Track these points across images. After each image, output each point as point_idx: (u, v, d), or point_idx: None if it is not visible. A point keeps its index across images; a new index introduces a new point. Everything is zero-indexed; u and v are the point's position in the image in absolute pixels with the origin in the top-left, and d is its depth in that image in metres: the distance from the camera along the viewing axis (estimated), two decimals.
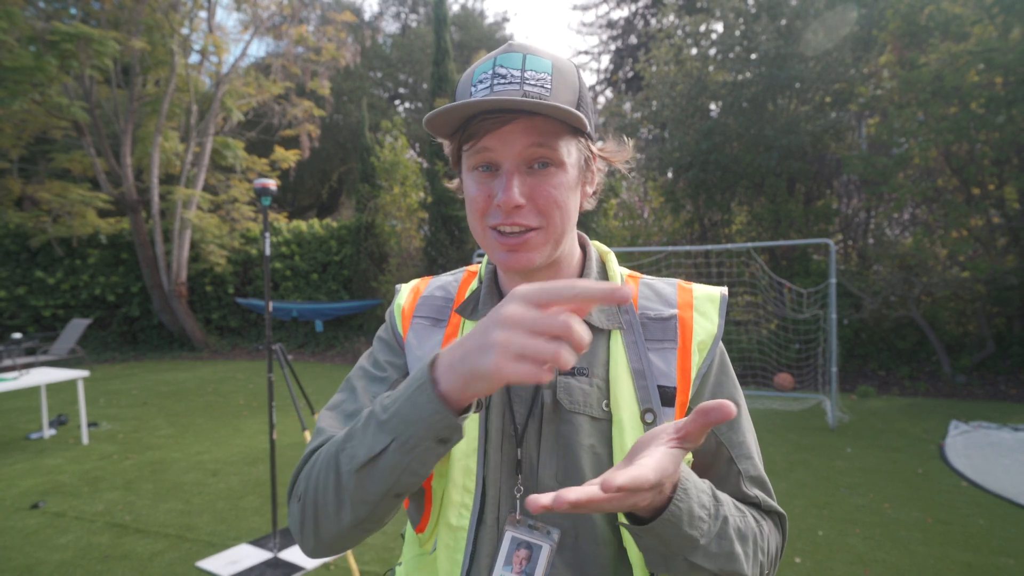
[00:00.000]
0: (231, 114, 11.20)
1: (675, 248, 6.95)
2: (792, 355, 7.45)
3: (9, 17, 8.23)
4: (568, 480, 0.72)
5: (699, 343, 0.76)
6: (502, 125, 0.68)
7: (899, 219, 8.84)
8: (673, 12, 10.12)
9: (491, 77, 0.69)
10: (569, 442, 0.72)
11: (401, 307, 0.87)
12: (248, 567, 3.14)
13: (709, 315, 0.78)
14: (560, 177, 0.70)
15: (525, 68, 0.69)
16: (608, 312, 0.77)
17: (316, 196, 20.33)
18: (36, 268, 11.24)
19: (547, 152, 0.69)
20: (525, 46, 0.71)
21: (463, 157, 0.74)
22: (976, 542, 3.33)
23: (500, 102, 0.64)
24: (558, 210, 0.71)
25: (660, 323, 0.77)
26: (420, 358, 0.82)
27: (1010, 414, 5.98)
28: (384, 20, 23.14)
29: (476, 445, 0.74)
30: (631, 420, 0.72)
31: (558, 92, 0.69)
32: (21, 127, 10.37)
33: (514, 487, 0.74)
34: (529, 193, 0.69)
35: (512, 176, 0.69)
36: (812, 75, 8.02)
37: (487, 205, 0.71)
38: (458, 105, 0.66)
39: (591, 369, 0.75)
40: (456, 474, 0.74)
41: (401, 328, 0.85)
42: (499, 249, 0.72)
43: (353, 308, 11.06)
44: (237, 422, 6.24)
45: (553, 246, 0.73)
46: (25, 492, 4.28)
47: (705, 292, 0.80)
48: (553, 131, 0.69)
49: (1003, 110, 6.65)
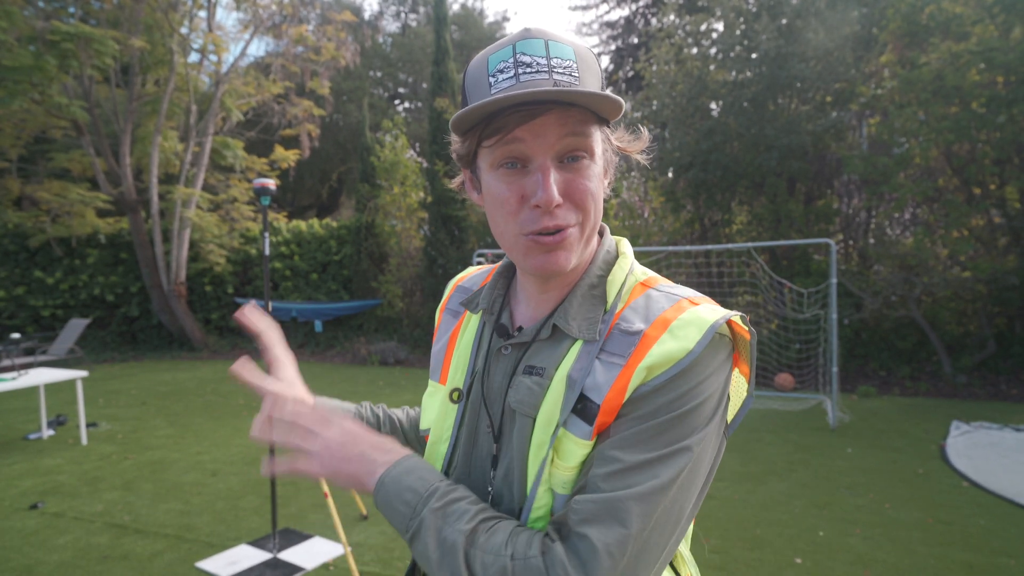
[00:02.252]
0: (231, 114, 11.19)
1: (675, 248, 6.94)
2: (792, 355, 7.44)
3: (9, 16, 8.22)
4: (513, 480, 0.70)
5: (649, 365, 0.64)
6: (533, 117, 0.63)
7: (900, 219, 8.83)
8: (673, 11, 10.10)
9: (514, 66, 0.64)
10: (515, 442, 0.71)
11: (439, 307, 0.94)
12: (247, 567, 3.13)
13: (684, 338, 0.65)
14: (593, 169, 0.68)
15: (550, 55, 0.64)
16: (591, 320, 0.70)
17: (316, 196, 20.32)
18: (35, 268, 11.23)
19: (582, 142, 0.66)
20: (543, 31, 0.66)
21: (482, 154, 0.69)
22: (977, 542, 3.32)
23: (542, 93, 0.60)
24: (594, 203, 0.68)
25: (624, 337, 0.68)
26: (436, 353, 0.88)
27: (1011, 414, 5.97)
28: (384, 19, 23.15)
29: (449, 434, 0.78)
30: (544, 423, 0.68)
31: (585, 79, 0.66)
32: (20, 126, 10.37)
33: (487, 481, 0.74)
34: (564, 189, 0.66)
35: (548, 172, 0.65)
36: (813, 75, 8.01)
37: (519, 206, 0.67)
38: (499, 98, 0.60)
39: (547, 370, 0.71)
40: (430, 455, 0.80)
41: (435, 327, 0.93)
42: (536, 251, 0.68)
43: (353, 308, 11.05)
44: (237, 422, 6.23)
45: (585, 243, 0.70)
46: (24, 492, 4.27)
47: (698, 315, 0.67)
48: (585, 121, 0.65)
49: (1004, 110, 6.64)
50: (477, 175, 0.73)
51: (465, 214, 10.54)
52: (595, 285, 0.74)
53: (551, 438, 0.66)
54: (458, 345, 0.83)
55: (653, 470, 0.61)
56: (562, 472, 0.66)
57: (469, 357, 0.80)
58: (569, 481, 0.66)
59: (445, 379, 0.83)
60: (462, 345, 0.83)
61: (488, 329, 0.81)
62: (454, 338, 0.85)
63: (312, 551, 3.31)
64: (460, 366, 0.81)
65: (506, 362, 0.76)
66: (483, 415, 0.76)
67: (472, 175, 0.75)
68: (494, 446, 0.74)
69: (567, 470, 0.66)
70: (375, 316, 11.35)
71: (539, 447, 0.68)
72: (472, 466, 0.76)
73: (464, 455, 0.76)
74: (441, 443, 0.79)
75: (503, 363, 0.76)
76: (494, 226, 0.71)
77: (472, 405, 0.77)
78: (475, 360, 0.80)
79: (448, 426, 0.78)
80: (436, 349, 0.88)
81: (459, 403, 0.78)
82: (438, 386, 0.84)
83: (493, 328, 0.80)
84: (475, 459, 0.76)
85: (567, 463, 0.66)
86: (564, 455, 0.66)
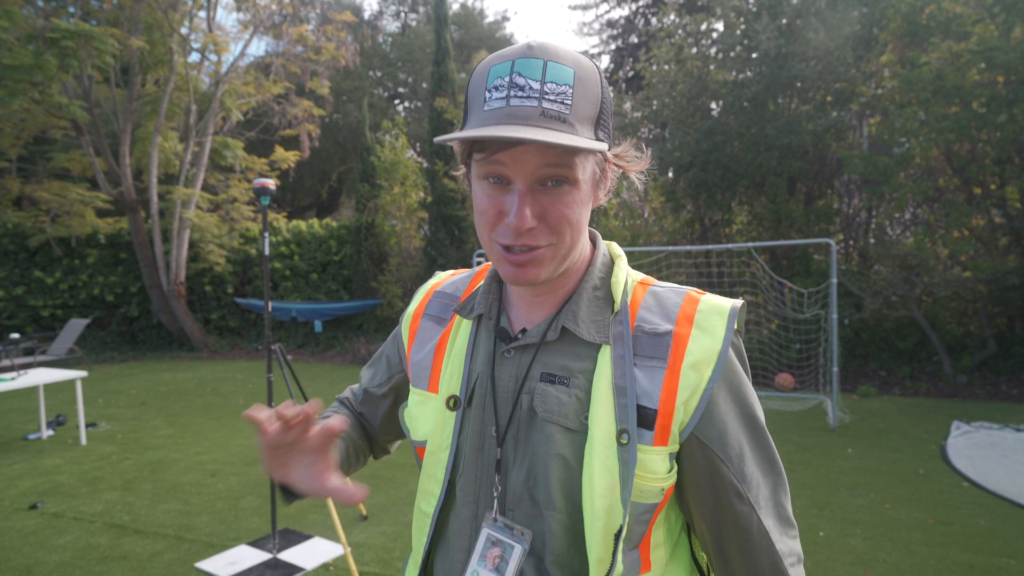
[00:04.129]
0: (230, 114, 11.18)
1: (675, 248, 6.94)
2: (793, 355, 7.44)
3: (9, 16, 8.22)
4: (535, 485, 0.71)
5: (694, 363, 0.69)
6: (516, 144, 0.64)
7: (900, 219, 8.83)
8: (674, 11, 10.09)
9: (508, 85, 0.65)
10: (538, 449, 0.71)
11: (410, 313, 0.91)
12: (247, 568, 3.13)
13: (712, 331, 0.71)
14: (573, 195, 0.68)
15: (545, 80, 0.64)
16: (600, 323, 0.73)
17: (316, 196, 20.31)
18: (34, 268, 11.22)
19: (562, 171, 0.66)
20: (546, 49, 0.66)
21: (472, 163, 0.71)
22: (977, 543, 3.32)
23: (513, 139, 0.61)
24: (569, 228, 0.69)
25: (654, 339, 0.71)
26: (419, 362, 0.85)
27: (1012, 414, 5.97)
28: (384, 19, 23.15)
29: (449, 441, 0.77)
30: (604, 438, 0.68)
31: (579, 107, 0.65)
32: (20, 126, 10.37)
33: (493, 485, 0.74)
34: (541, 212, 0.67)
35: (525, 198, 0.66)
36: (813, 74, 8.00)
37: (497, 220, 0.69)
38: (468, 135, 0.62)
39: (572, 379, 0.72)
40: (429, 465, 0.79)
41: (407, 334, 0.90)
42: (505, 264, 0.70)
43: (353, 308, 11.04)
44: (236, 422, 6.22)
45: (561, 261, 0.71)
46: (23, 493, 4.27)
47: (713, 304, 0.73)
48: (568, 152, 0.66)
49: (1004, 109, 6.63)
50: (469, 178, 0.75)
51: (465, 214, 10.54)
52: (598, 287, 0.76)
53: (632, 453, 0.68)
54: (449, 352, 0.82)
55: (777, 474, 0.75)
56: (643, 482, 0.69)
57: (464, 363, 0.79)
58: (648, 490, 0.69)
59: (436, 387, 0.81)
60: (454, 351, 0.81)
61: (485, 333, 0.80)
62: (442, 345, 0.83)
63: (312, 551, 3.31)
64: (455, 373, 0.79)
65: (512, 365, 0.76)
66: (488, 420, 0.76)
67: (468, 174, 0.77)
68: (497, 450, 0.74)
69: (648, 480, 0.69)
70: (375, 316, 11.34)
71: (605, 460, 0.68)
72: (480, 471, 0.76)
73: (471, 461, 0.76)
74: (441, 451, 0.78)
75: (508, 366, 0.76)
76: (477, 229, 0.73)
77: (475, 411, 0.77)
78: (470, 366, 0.79)
79: (448, 434, 0.78)
80: (419, 357, 0.85)
81: (457, 410, 0.78)
82: (428, 394, 0.82)
83: (494, 332, 0.79)
84: (482, 464, 0.76)
85: (645, 472, 0.69)
86: (641, 464, 0.69)
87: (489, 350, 0.79)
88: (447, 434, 0.78)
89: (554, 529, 0.70)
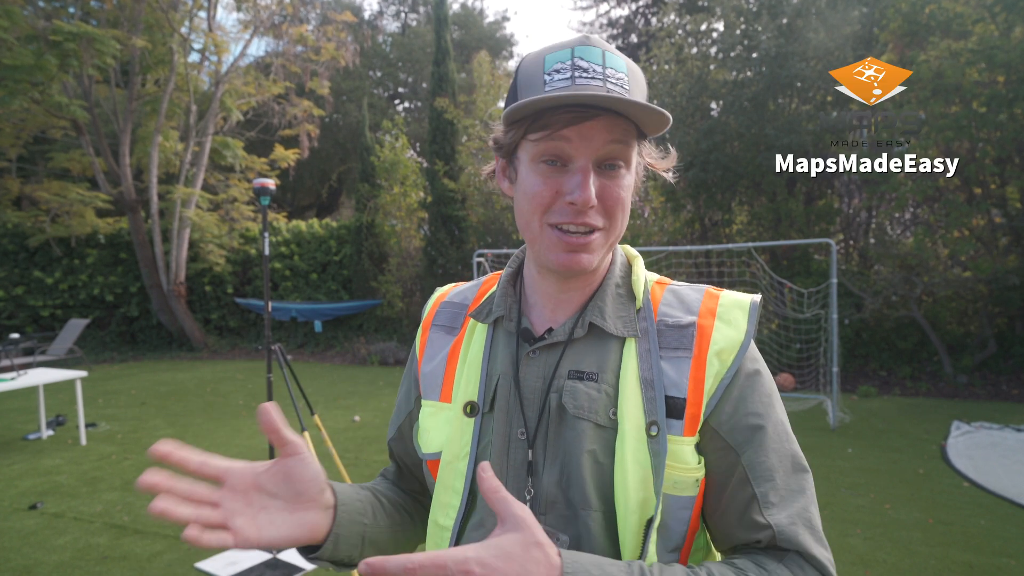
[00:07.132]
0: (230, 113, 11.19)
1: (675, 248, 6.94)
2: (793, 355, 7.44)
3: (9, 16, 8.22)
4: (569, 485, 0.70)
5: (718, 352, 0.71)
6: (583, 120, 0.66)
7: (900, 219, 8.83)
8: (674, 11, 10.09)
9: (571, 68, 0.67)
10: (570, 447, 0.71)
11: (421, 325, 0.90)
12: (247, 568, 3.12)
13: (735, 323, 0.73)
14: (628, 179, 0.70)
15: (606, 64, 0.67)
16: (625, 319, 0.74)
17: (316, 196, 20.32)
18: (34, 268, 11.23)
19: (623, 151, 0.68)
20: (601, 42, 0.69)
21: (525, 146, 0.71)
22: (977, 543, 3.32)
23: (599, 98, 0.63)
24: (621, 212, 0.70)
25: (677, 331, 0.73)
26: (430, 373, 0.83)
27: (1012, 414, 5.97)
28: (384, 19, 23.16)
29: (468, 449, 0.75)
30: (635, 431, 0.69)
31: (634, 93, 0.68)
32: (20, 126, 10.38)
33: (525, 489, 0.72)
34: (599, 193, 0.68)
35: (588, 174, 0.67)
36: (813, 74, 8.00)
37: (552, 201, 0.69)
38: (557, 96, 0.63)
39: (601, 375, 0.72)
40: (446, 476, 0.76)
41: (419, 348, 0.87)
42: (560, 248, 0.70)
43: (352, 308, 11.05)
44: (236, 422, 6.22)
45: (608, 249, 0.73)
46: (23, 493, 4.27)
47: (733, 299, 0.75)
48: (629, 132, 0.68)
49: (1005, 109, 6.63)
50: (515, 165, 0.74)
51: (465, 214, 10.54)
52: (620, 285, 0.78)
53: (662, 444, 0.68)
54: (463, 359, 0.80)
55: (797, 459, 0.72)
56: (675, 472, 0.69)
57: (481, 368, 0.78)
58: (682, 481, 0.69)
59: (449, 397, 0.80)
60: (469, 358, 0.80)
61: (505, 336, 0.79)
62: (455, 353, 0.82)
63: None
64: (471, 379, 0.78)
65: (538, 365, 0.75)
66: (515, 422, 0.74)
67: (509, 165, 0.76)
68: (528, 452, 0.73)
69: (680, 470, 0.69)
70: (375, 316, 11.34)
71: (636, 453, 0.68)
72: (507, 476, 0.73)
73: (496, 467, 0.73)
74: (459, 460, 0.75)
75: (534, 367, 0.75)
76: (520, 216, 0.73)
77: (499, 414, 0.75)
78: (488, 370, 0.78)
79: (466, 441, 0.75)
80: (430, 368, 0.83)
81: (475, 416, 0.76)
82: (440, 405, 0.80)
83: (516, 334, 0.78)
84: (510, 468, 0.73)
85: (677, 462, 0.69)
86: (672, 455, 0.69)
87: (511, 352, 0.77)
88: (465, 442, 0.75)
89: (591, 529, 0.69)
